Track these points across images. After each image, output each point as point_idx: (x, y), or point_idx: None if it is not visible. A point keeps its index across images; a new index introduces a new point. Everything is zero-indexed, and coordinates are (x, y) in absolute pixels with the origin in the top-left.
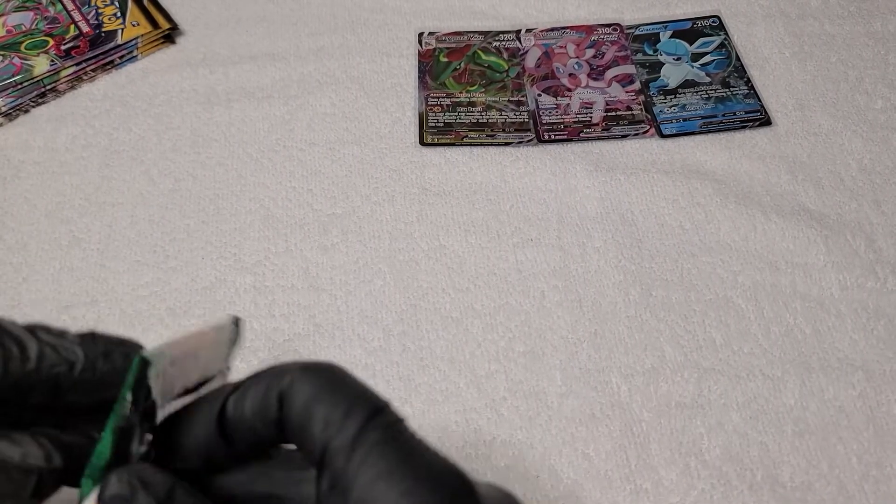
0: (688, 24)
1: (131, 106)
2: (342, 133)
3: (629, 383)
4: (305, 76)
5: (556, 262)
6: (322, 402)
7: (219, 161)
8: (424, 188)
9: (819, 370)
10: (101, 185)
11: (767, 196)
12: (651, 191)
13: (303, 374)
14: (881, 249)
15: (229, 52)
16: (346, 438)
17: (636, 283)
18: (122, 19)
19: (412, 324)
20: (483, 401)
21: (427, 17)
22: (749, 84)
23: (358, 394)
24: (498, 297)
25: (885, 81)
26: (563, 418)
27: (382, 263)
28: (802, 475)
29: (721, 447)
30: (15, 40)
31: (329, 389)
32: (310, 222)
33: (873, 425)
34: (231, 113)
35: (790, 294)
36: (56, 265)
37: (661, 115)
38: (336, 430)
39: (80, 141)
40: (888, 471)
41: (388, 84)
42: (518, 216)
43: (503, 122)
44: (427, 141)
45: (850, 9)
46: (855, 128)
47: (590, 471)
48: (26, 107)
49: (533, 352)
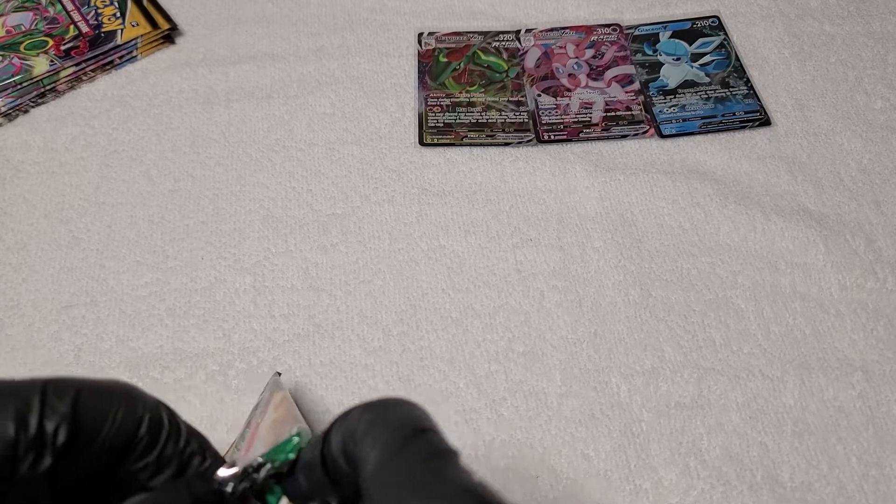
0: (687, 24)
1: (131, 106)
2: (342, 133)
3: (629, 383)
4: (305, 76)
5: (556, 263)
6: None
7: (218, 161)
8: (424, 188)
9: (819, 370)
10: (101, 185)
11: (767, 196)
12: (651, 191)
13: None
14: (881, 250)
15: (229, 52)
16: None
17: (636, 283)
18: (122, 19)
19: (412, 324)
20: (483, 401)
21: (427, 18)
22: (748, 84)
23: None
24: (498, 297)
25: (884, 81)
26: (563, 418)
27: (382, 263)
28: (802, 475)
29: (721, 447)
30: (14, 40)
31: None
32: (309, 222)
33: (873, 425)
34: (230, 113)
35: (790, 294)
36: (56, 265)
37: (660, 115)
38: (369, 444)
39: (80, 141)
40: (888, 471)
41: (388, 84)
42: (518, 216)
43: (503, 122)
44: (427, 141)
45: (849, 9)
46: (854, 128)
47: (589, 471)
48: (26, 107)
49: (533, 352)
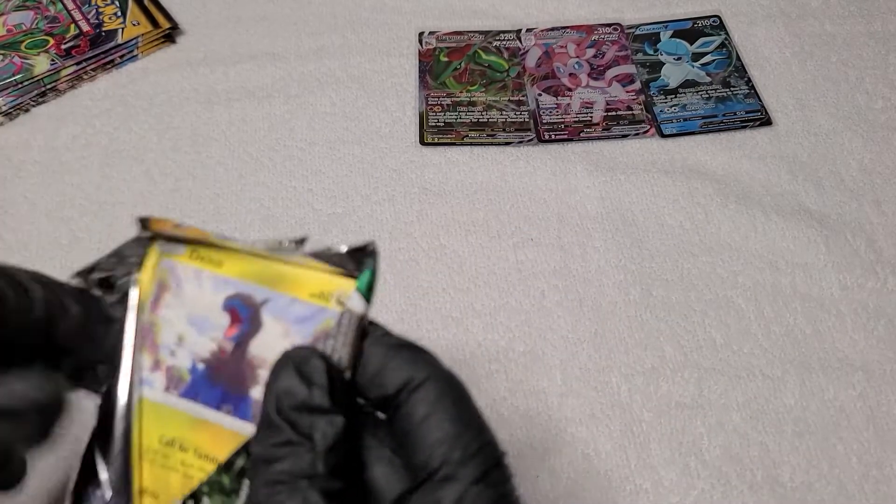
0: (688, 23)
1: (132, 105)
2: (342, 132)
3: (629, 383)
4: (306, 75)
5: (557, 262)
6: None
7: (219, 160)
8: (425, 188)
9: (819, 370)
10: (102, 184)
11: (768, 196)
12: (651, 190)
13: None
14: (881, 249)
15: (230, 51)
16: (471, 475)
17: (636, 282)
18: (123, 18)
19: (412, 323)
20: (483, 401)
21: (427, 17)
22: (749, 84)
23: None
24: (498, 296)
25: (885, 81)
26: (564, 418)
27: (382, 263)
28: (802, 475)
29: (721, 447)
30: (15, 39)
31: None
32: (310, 222)
33: (873, 425)
34: (231, 112)
35: (790, 294)
36: (56, 265)
37: (661, 114)
38: (462, 457)
39: (81, 140)
40: (888, 471)
41: (389, 83)
42: (518, 216)
43: (503, 121)
44: (427, 140)
45: (850, 9)
46: (855, 128)
47: (590, 471)
48: (27, 106)
49: (533, 351)
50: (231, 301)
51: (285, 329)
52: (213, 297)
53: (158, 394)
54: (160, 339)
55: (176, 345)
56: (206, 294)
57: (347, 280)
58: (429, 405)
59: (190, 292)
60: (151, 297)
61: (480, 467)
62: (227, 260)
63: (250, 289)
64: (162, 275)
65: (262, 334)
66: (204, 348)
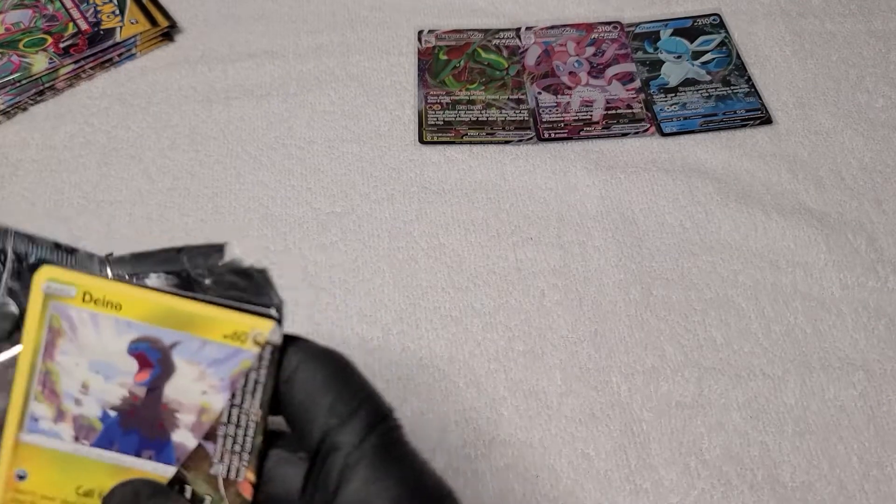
0: (688, 22)
1: (130, 104)
2: (341, 131)
3: (629, 383)
4: (304, 74)
5: (556, 261)
6: (330, 390)
7: (217, 159)
8: (424, 186)
9: (820, 369)
10: (100, 183)
11: (768, 195)
12: (651, 189)
13: (312, 359)
14: (882, 248)
15: (228, 49)
16: (351, 437)
17: (636, 282)
18: (121, 17)
19: (411, 323)
20: (483, 400)
21: (427, 15)
22: (750, 82)
23: (367, 393)
24: (498, 296)
25: (886, 80)
26: (563, 418)
27: (382, 262)
28: (803, 475)
29: (721, 447)
30: (13, 38)
31: (339, 379)
32: (309, 221)
33: (874, 425)
34: (230, 111)
35: (791, 293)
36: None
37: (661, 113)
38: (340, 423)
39: (79, 139)
40: (889, 471)
41: (388, 82)
42: (518, 215)
43: (503, 120)
44: (427, 139)
45: (850, 7)
46: (856, 126)
47: (590, 470)
48: (24, 105)
49: (533, 351)
50: (137, 345)
51: (200, 372)
52: (116, 342)
53: (68, 445)
54: (60, 388)
55: (81, 393)
56: (107, 339)
57: (262, 320)
58: (303, 390)
59: (87, 337)
60: (42, 343)
61: (362, 426)
62: (125, 302)
63: (157, 332)
64: (53, 320)
65: (177, 378)
66: (113, 395)
